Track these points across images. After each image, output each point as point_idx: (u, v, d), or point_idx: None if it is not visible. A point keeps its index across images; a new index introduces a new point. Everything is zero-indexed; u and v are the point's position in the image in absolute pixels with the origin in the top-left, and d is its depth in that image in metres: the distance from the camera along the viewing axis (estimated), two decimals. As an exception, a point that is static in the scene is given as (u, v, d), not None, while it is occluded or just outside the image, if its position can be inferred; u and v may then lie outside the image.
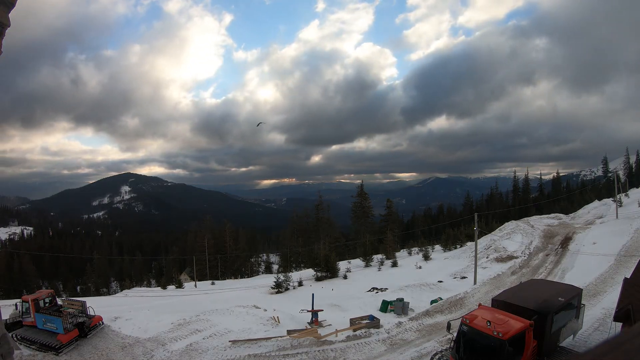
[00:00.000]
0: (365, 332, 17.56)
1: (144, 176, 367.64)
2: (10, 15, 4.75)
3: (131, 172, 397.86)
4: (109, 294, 57.19)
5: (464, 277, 28.29)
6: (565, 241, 31.92)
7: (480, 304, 12.78)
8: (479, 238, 28.17)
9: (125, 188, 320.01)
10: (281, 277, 33.54)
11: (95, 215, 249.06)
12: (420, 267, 35.69)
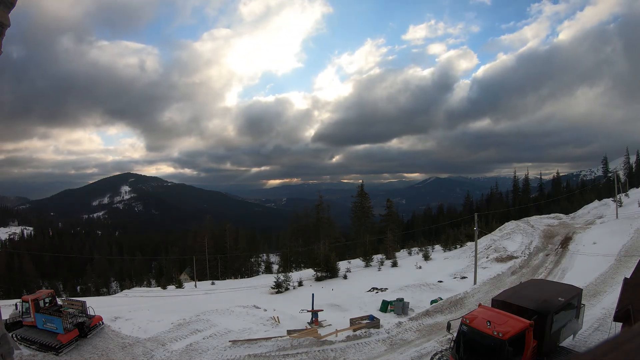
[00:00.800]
0: (365, 332, 17.56)
1: (144, 176, 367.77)
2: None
3: (131, 172, 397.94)
4: (109, 294, 57.15)
5: (464, 277, 28.29)
6: (565, 241, 31.93)
7: (480, 304, 12.79)
8: (479, 238, 28.16)
9: (125, 188, 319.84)
10: (281, 277, 33.54)
11: (95, 215, 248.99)
12: (420, 267, 35.68)
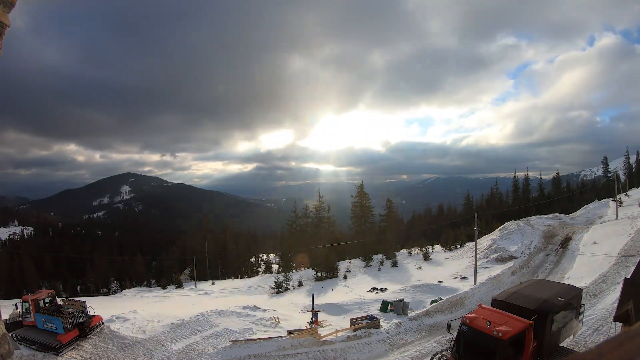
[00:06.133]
0: (365, 332, 17.56)
1: (144, 176, 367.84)
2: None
3: (131, 171, 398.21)
4: (109, 294, 57.14)
5: (464, 277, 28.29)
6: (565, 241, 31.92)
7: (480, 304, 12.77)
8: (479, 238, 28.17)
9: (125, 188, 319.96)
10: (281, 277, 33.57)
11: (95, 215, 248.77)
12: (420, 267, 35.67)
